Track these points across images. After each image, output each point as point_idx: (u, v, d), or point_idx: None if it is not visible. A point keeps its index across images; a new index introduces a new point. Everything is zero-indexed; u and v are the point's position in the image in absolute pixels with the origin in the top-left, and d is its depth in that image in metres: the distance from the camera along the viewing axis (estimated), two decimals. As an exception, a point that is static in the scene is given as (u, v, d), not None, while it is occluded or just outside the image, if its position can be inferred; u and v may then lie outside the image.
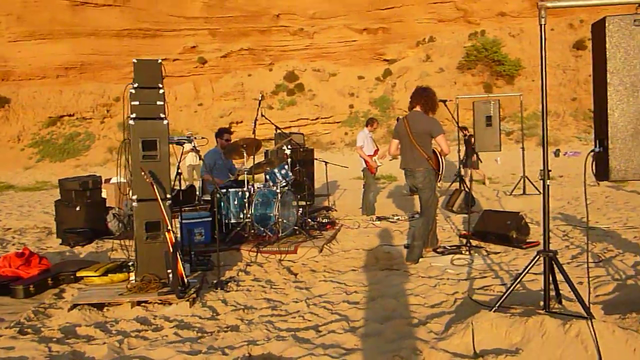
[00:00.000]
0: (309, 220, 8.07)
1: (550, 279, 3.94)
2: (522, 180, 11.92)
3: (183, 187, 10.56)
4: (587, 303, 3.61)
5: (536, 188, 11.56)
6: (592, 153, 3.59)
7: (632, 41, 3.43)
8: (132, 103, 5.01)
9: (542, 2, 3.57)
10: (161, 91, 5.07)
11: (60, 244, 8.26)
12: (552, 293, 4.04)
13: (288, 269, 6.03)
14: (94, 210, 8.54)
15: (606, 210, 9.68)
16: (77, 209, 8.38)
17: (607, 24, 3.45)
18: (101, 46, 35.70)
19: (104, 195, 9.48)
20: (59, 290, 5.51)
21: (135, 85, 5.04)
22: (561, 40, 32.73)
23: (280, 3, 37.23)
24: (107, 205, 9.23)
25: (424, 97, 6.17)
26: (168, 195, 5.04)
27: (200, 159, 6.49)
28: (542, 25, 3.60)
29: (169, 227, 4.82)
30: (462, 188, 10.27)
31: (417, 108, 6.18)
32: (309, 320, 4.19)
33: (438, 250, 6.66)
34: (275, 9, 37.26)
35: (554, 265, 3.83)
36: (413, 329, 3.91)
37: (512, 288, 3.78)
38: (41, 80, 35.64)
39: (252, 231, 7.26)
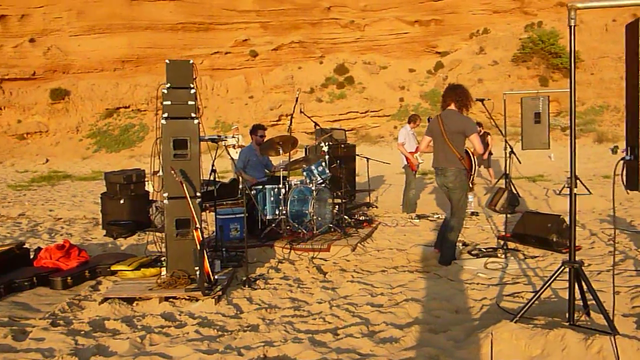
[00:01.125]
0: (346, 217, 8.04)
1: (581, 289, 3.80)
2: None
3: (226, 181, 10.75)
4: (612, 317, 3.45)
5: (587, 188, 11.16)
6: (622, 161, 3.43)
7: (668, 43, 3.25)
8: (164, 103, 5.10)
9: (572, 3, 3.41)
10: (192, 91, 5.15)
11: (104, 236, 8.54)
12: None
13: (318, 268, 6.04)
14: (137, 203, 8.78)
15: (659, 213, 9.25)
16: (121, 201, 8.63)
17: (640, 26, 3.28)
18: (156, 40, 36.58)
19: (148, 188, 9.72)
20: (96, 283, 5.69)
21: (168, 85, 5.13)
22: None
23: (332, -5, 37.19)
24: (154, 197, 9.48)
25: (457, 95, 6.02)
26: (198, 194, 5.12)
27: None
28: (572, 27, 3.45)
29: (197, 225, 4.90)
30: (507, 187, 10.00)
31: (452, 106, 6.03)
32: (329, 323, 4.18)
33: (472, 252, 6.52)
34: (327, 1, 37.19)
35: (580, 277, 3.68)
36: (433, 335, 3.85)
37: (534, 299, 3.67)
38: (99, 73, 36.87)
39: (287, 228, 7.30)
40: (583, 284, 3.71)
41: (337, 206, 7.90)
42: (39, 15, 36.76)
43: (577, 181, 10.80)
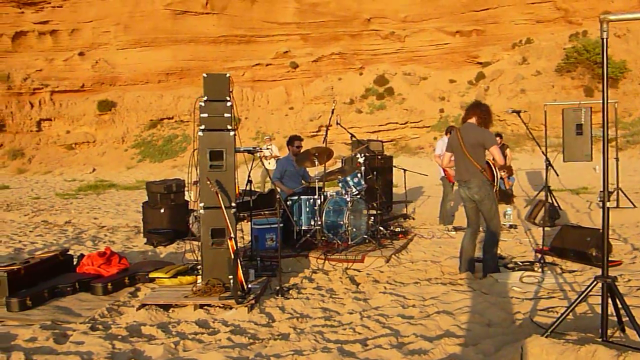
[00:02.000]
0: (381, 228, 8.05)
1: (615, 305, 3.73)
2: (616, 193, 11.22)
3: (264, 192, 10.89)
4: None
5: (631, 202, 10.87)
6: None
7: None
8: (202, 115, 5.25)
9: (605, 15, 3.39)
10: (229, 104, 5.28)
11: (145, 244, 8.77)
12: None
13: (351, 278, 6.07)
14: (176, 212, 8.99)
15: None
16: (161, 210, 8.85)
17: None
18: (199, 52, 37.30)
19: (188, 197, 9.94)
20: (134, 289, 5.87)
21: (205, 98, 5.28)
22: None
23: (371, 7, 37.16)
24: (193, 207, 9.69)
25: (481, 111, 6.03)
26: (233, 204, 5.23)
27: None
28: (605, 39, 3.42)
29: (232, 235, 5.00)
30: (547, 199, 9.83)
31: (472, 120, 6.04)
32: (359, 333, 4.21)
33: (509, 265, 6.44)
34: (367, 13, 37.24)
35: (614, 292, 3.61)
36: (463, 349, 3.83)
37: (566, 314, 3.62)
38: (144, 85, 37.81)
39: (322, 238, 7.36)
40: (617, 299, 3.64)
41: (372, 217, 7.93)
42: (88, 29, 38.02)
43: (622, 194, 10.58)
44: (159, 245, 8.55)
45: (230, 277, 4.96)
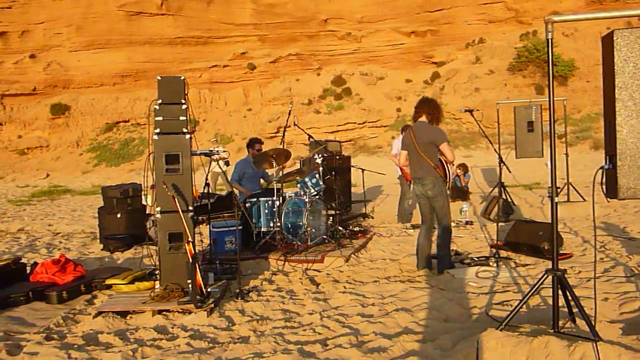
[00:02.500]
0: (340, 228, 8.11)
1: (566, 297, 3.86)
2: (565, 187, 11.56)
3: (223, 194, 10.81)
4: (594, 323, 3.51)
5: (581, 196, 11.21)
6: (601, 170, 3.50)
7: (642, 55, 3.33)
8: (156, 119, 5.18)
9: (549, 17, 3.50)
10: (184, 107, 5.23)
11: (102, 250, 8.60)
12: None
13: (311, 279, 6.09)
14: (134, 216, 8.84)
15: (653, 219, 9.29)
16: (118, 215, 8.70)
17: (615, 38, 3.36)
18: (155, 54, 36.80)
19: (146, 202, 9.80)
20: (91, 297, 5.76)
21: (160, 101, 5.21)
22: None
23: (328, 8, 37.37)
24: (151, 211, 9.55)
25: (429, 108, 6.15)
26: (190, 207, 5.19)
27: (227, 165, 6.63)
28: (550, 40, 3.53)
29: (190, 239, 4.96)
30: (501, 195, 10.07)
31: (422, 118, 6.16)
32: (319, 334, 4.24)
33: (465, 261, 6.58)
34: (323, 13, 37.41)
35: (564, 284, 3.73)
36: (421, 345, 3.90)
37: (518, 307, 3.72)
38: (99, 87, 37.07)
39: (282, 240, 7.37)
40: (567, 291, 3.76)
41: (331, 217, 7.97)
42: (39, 31, 37.04)
43: (572, 189, 10.88)
44: (116, 251, 8.39)
45: (189, 281, 4.91)
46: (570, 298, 3.77)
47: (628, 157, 3.36)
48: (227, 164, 6.72)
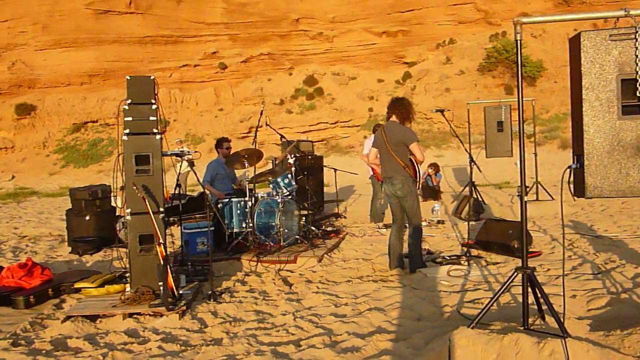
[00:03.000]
0: (313, 228, 8.10)
1: (535, 294, 3.92)
2: (535, 186, 11.76)
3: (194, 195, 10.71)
4: (563, 320, 3.57)
5: (549, 194, 11.42)
6: (569, 169, 3.56)
7: (608, 56, 3.40)
8: (126, 119, 5.10)
9: (518, 18, 3.55)
10: (154, 107, 5.16)
11: (70, 253, 8.45)
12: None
13: (284, 279, 6.07)
14: (103, 218, 8.70)
15: (619, 217, 9.52)
16: (87, 218, 8.55)
17: (582, 39, 3.42)
18: (124, 53, 36.22)
19: (115, 203, 9.65)
20: (59, 301, 5.64)
21: (129, 101, 5.14)
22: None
23: (300, 7, 37.32)
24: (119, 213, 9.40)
25: (399, 107, 6.19)
26: (161, 209, 5.12)
27: (191, 166, 6.56)
28: (518, 41, 3.58)
29: (161, 241, 4.90)
30: (472, 195, 10.19)
31: (393, 118, 6.20)
32: (293, 334, 4.22)
33: (437, 260, 6.64)
34: (295, 13, 37.35)
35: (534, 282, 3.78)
36: (394, 344, 3.91)
37: (489, 305, 3.76)
38: (66, 87, 36.31)
39: (255, 240, 7.34)
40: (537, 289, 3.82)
41: (304, 218, 7.96)
42: (3, 29, 36.13)
43: (541, 188, 11.07)
44: (85, 254, 8.25)
45: (160, 283, 4.85)
46: (539, 295, 3.83)
47: (595, 157, 3.43)
48: (191, 164, 6.63)
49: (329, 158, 24.84)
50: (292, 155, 8.48)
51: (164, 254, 4.83)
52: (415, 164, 6.17)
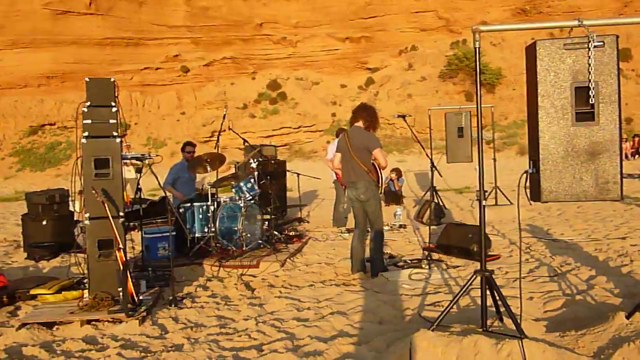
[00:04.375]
0: (276, 233, 8.08)
1: (493, 296, 4.00)
2: (494, 191, 12.00)
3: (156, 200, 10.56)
4: (520, 321, 3.65)
5: (508, 199, 11.66)
6: (525, 174, 3.65)
7: (562, 65, 3.51)
8: (85, 122, 5.01)
9: (477, 26, 3.63)
10: (114, 109, 5.08)
11: (26, 259, 8.21)
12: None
13: (247, 284, 6.04)
14: (60, 223, 8.49)
15: (574, 221, 9.77)
16: (43, 222, 8.34)
17: (537, 48, 3.52)
18: (83, 55, 35.55)
19: (74, 208, 9.43)
20: (14, 308, 5.48)
21: (88, 103, 5.04)
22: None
23: (263, 12, 37.35)
24: (77, 218, 9.20)
25: (366, 114, 6.25)
26: (121, 213, 5.04)
27: (138, 172, 6.48)
28: (477, 49, 3.66)
29: (120, 246, 4.82)
30: (433, 199, 10.33)
31: (359, 123, 6.25)
32: (255, 339, 4.21)
33: (398, 264, 6.71)
34: (258, 17, 37.36)
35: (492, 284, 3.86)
36: (356, 347, 3.94)
37: (449, 308, 3.83)
38: (22, 89, 35.42)
39: (217, 245, 7.28)
40: (495, 291, 3.90)
41: (266, 222, 7.94)
42: (-44, 29, 35.15)
43: (499, 192, 11.30)
44: (42, 259, 8.03)
45: (120, 289, 4.77)
46: (497, 298, 3.91)
47: (550, 162, 3.53)
48: (138, 170, 6.56)
49: (292, 162, 24.85)
50: (255, 160, 8.45)
51: (124, 259, 4.75)
52: (377, 169, 6.23)
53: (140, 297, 4.99)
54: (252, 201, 7.62)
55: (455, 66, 32.00)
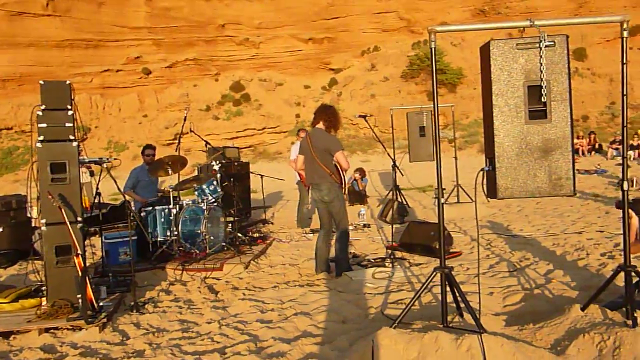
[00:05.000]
0: (240, 235, 8.04)
1: (454, 293, 4.06)
2: (456, 189, 12.17)
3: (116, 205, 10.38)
4: (479, 316, 3.72)
5: (470, 197, 11.84)
6: (482, 172, 3.72)
7: (516, 64, 3.59)
8: (40, 126, 4.89)
9: (432, 27, 3.68)
10: (70, 113, 4.98)
11: (-19, 267, 7.99)
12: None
13: (210, 288, 6.00)
14: (18, 230, 8.28)
15: (533, 217, 10.00)
16: (0, 230, 8.12)
17: (491, 48, 3.59)
18: (41, 57, 34.66)
19: (31, 214, 9.21)
20: (-31, 319, 5.32)
21: (43, 107, 4.93)
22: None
23: (226, 13, 37.09)
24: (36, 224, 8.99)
25: (326, 115, 6.27)
26: (79, 219, 4.94)
27: (92, 176, 6.38)
28: (433, 49, 3.71)
29: (79, 252, 4.73)
30: (396, 198, 10.44)
31: (320, 125, 6.27)
32: (218, 343, 4.18)
33: (362, 263, 6.75)
34: (221, 19, 37.08)
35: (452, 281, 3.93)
36: (320, 347, 3.95)
37: (410, 305, 3.87)
38: (-23, 92, 34.41)
39: (180, 249, 7.20)
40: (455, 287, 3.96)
41: (230, 225, 7.90)
42: None
43: (461, 190, 11.46)
44: (-1, 268, 7.83)
45: (79, 296, 4.68)
46: (457, 294, 3.98)
47: (505, 160, 3.61)
48: (92, 174, 6.47)
49: (257, 164, 24.76)
50: (218, 162, 8.39)
51: (83, 265, 4.66)
52: (340, 170, 6.26)
53: (101, 304, 4.90)
54: (215, 204, 7.57)
55: (417, 66, 32.32)
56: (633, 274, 3.76)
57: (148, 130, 32.07)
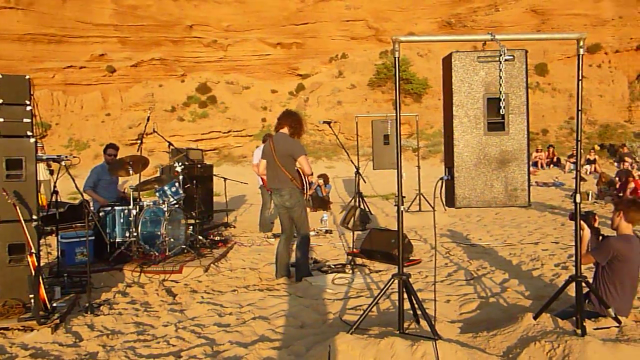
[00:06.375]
0: (200, 238, 7.97)
1: (411, 299, 4.12)
2: (417, 198, 12.31)
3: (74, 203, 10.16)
4: (434, 323, 3.78)
5: (431, 205, 11.98)
6: (441, 181, 3.79)
7: (476, 76, 3.67)
8: (-4, 120, 4.77)
9: (396, 36, 3.74)
10: (28, 108, 4.87)
11: None
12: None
13: (168, 290, 5.93)
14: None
15: (492, 227, 10.20)
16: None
17: (453, 59, 3.67)
18: (2, 51, 33.68)
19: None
20: None
21: (0, 101, 4.81)
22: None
23: (194, 14, 36.78)
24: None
25: (291, 120, 6.29)
26: (34, 216, 4.83)
27: (51, 174, 6.25)
28: (397, 58, 3.77)
29: (33, 250, 4.62)
30: (358, 205, 10.50)
31: (284, 130, 6.28)
32: (173, 346, 4.14)
33: (322, 269, 6.77)
34: (189, 19, 36.73)
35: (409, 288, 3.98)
36: (277, 352, 3.95)
37: (367, 311, 3.91)
38: None
39: (139, 250, 7.09)
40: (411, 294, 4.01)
41: (191, 227, 7.82)
42: None
43: (423, 199, 11.58)
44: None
45: (31, 296, 4.56)
46: (414, 301, 4.03)
47: (464, 169, 3.68)
48: (51, 172, 6.33)
49: (221, 167, 24.55)
50: (180, 164, 8.31)
51: (36, 264, 4.55)
52: (302, 176, 6.27)
53: (54, 304, 4.80)
54: (177, 205, 7.49)
55: (384, 75, 32.60)
56: (583, 284, 3.88)
57: (111, 129, 31.46)
